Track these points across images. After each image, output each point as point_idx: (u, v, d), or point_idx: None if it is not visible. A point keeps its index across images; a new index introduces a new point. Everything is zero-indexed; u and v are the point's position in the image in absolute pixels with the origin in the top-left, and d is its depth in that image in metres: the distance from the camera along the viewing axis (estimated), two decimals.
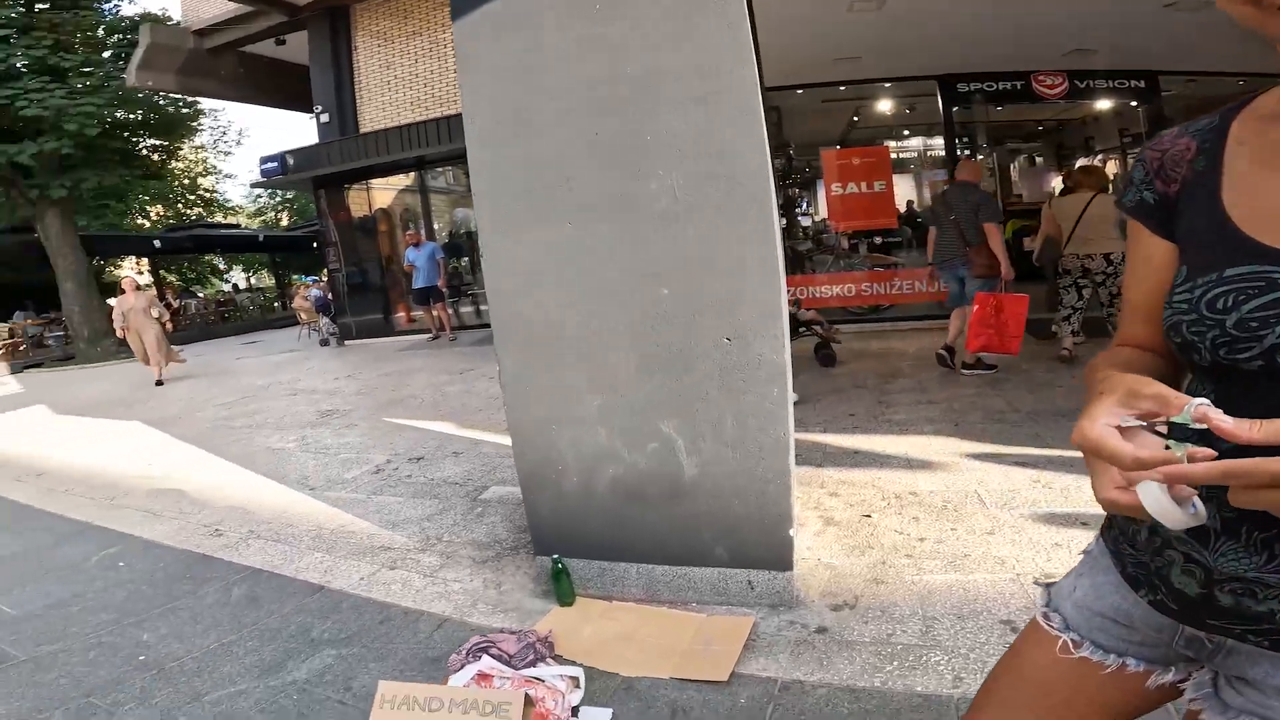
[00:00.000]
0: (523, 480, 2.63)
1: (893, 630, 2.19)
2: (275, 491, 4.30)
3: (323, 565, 3.12)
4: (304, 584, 2.95)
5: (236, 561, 3.25)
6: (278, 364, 10.75)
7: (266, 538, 3.53)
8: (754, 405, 2.24)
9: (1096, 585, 0.84)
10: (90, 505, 4.31)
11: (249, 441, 5.71)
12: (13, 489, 4.81)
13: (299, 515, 3.83)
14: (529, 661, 2.13)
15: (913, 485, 3.29)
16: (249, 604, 2.81)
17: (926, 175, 7.25)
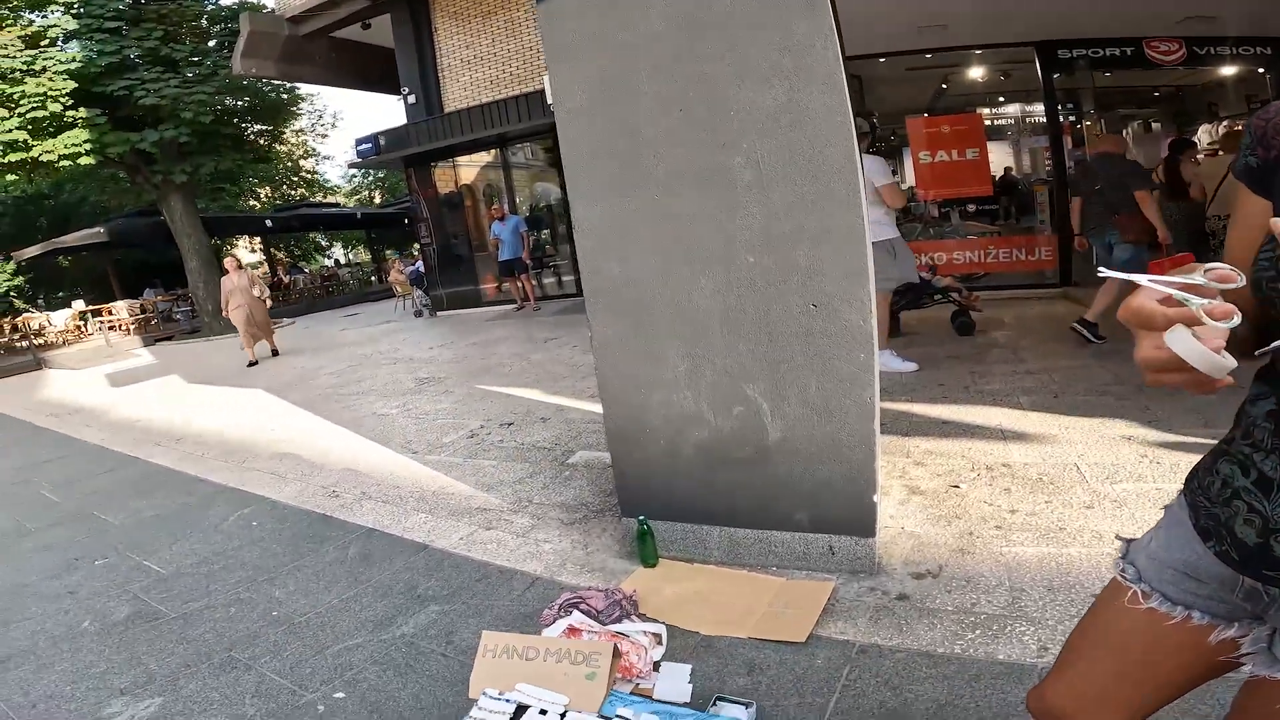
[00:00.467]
0: (611, 442, 2.76)
1: (977, 600, 2.19)
2: (382, 455, 4.65)
3: (426, 525, 3.39)
4: (410, 543, 3.22)
5: (351, 521, 3.57)
6: (377, 335, 11.43)
7: (377, 499, 3.85)
8: (840, 370, 2.26)
9: (1170, 538, 0.87)
10: (225, 468, 4.80)
11: (356, 408, 6.16)
12: (155, 453, 5.41)
13: (404, 477, 4.15)
14: (615, 618, 2.28)
15: (1005, 457, 3.21)
16: (363, 562, 3.09)
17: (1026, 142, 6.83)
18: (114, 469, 5.13)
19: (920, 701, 1.80)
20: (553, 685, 1.88)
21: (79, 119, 12.94)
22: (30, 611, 2.87)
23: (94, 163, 13.51)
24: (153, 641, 2.54)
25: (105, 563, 3.36)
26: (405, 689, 2.11)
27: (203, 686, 2.22)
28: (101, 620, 2.74)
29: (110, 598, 2.94)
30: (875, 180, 4.37)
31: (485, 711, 1.80)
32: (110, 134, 13.34)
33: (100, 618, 2.76)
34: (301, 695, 2.13)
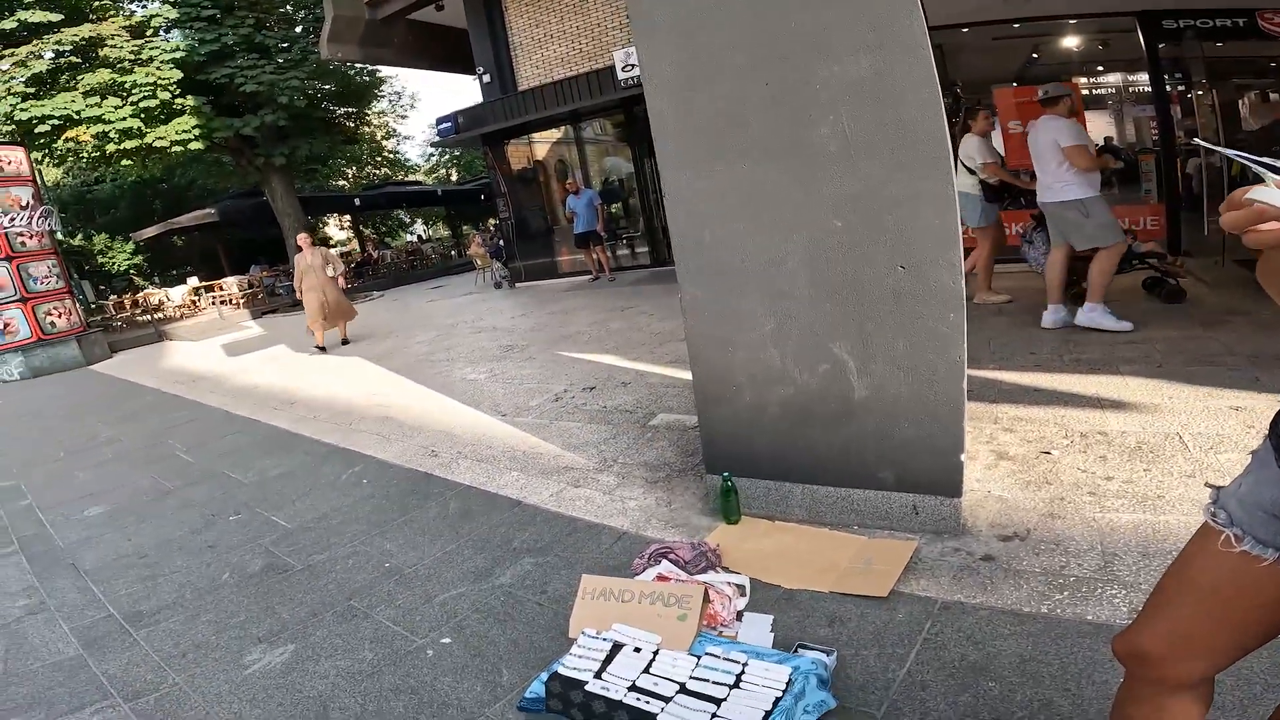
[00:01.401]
0: (698, 400, 2.86)
1: (1066, 562, 2.19)
2: (474, 417, 4.93)
3: (519, 483, 3.60)
4: (505, 499, 3.43)
5: (450, 479, 3.82)
6: (461, 305, 11.91)
7: (472, 458, 4.11)
8: (928, 330, 2.28)
9: (1259, 480, 0.89)
10: (334, 430, 5.20)
11: (447, 373, 6.51)
12: (274, 416, 5.91)
13: (495, 438, 4.40)
14: (701, 568, 2.40)
15: (1102, 424, 3.12)
16: (463, 517, 3.32)
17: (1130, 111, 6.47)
18: (239, 431, 5.64)
19: (1003, 656, 1.83)
20: (646, 625, 2.03)
21: (186, 106, 13.88)
22: (177, 565, 3.23)
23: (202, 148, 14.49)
24: (283, 592, 2.84)
25: (238, 519, 3.74)
26: (504, 635, 2.30)
27: (328, 634, 2.48)
28: (239, 572, 3.07)
29: (245, 551, 3.28)
30: (1061, 140, 4.39)
31: (584, 649, 1.97)
32: (215, 120, 14.28)
33: (238, 570, 3.09)
34: (412, 641, 2.36)
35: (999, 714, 1.65)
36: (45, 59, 12.85)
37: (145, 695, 2.24)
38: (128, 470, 4.96)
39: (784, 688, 1.68)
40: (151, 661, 2.43)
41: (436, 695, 2.06)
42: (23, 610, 2.95)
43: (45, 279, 11.90)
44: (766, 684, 1.70)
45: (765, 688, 1.69)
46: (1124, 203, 6.24)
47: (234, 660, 2.39)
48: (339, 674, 2.23)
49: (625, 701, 1.70)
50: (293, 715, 2.06)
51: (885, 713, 1.72)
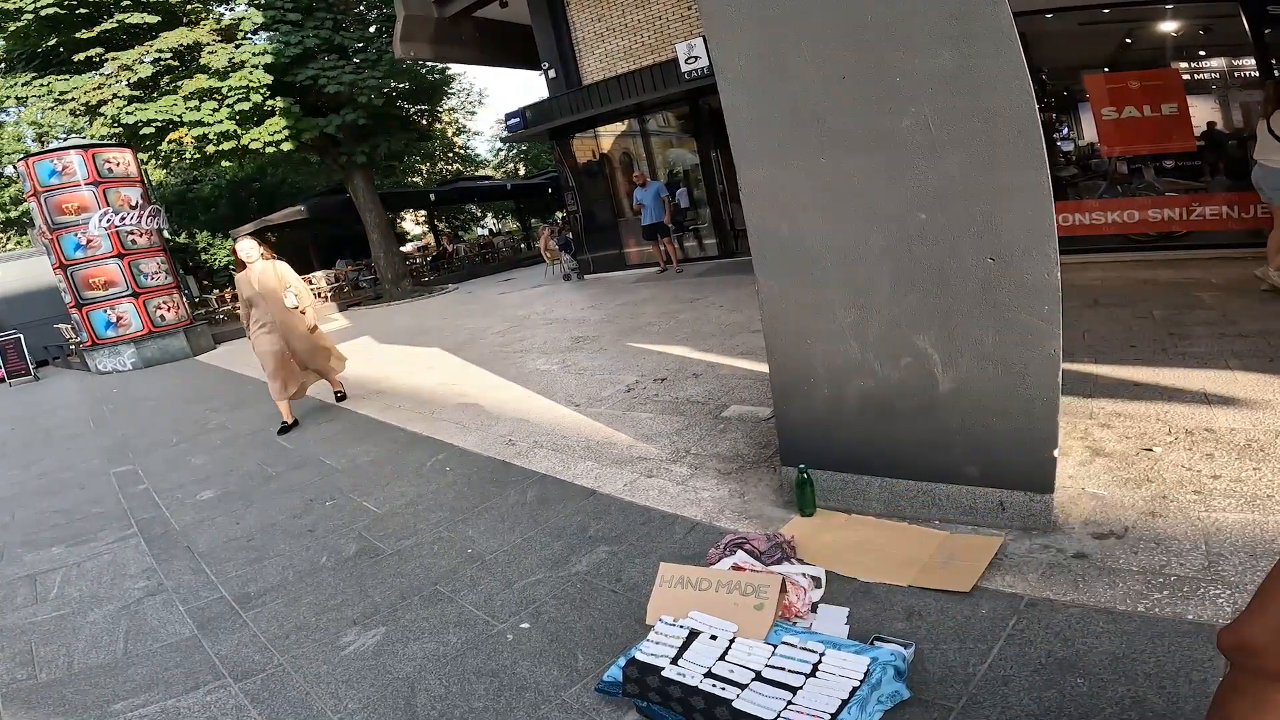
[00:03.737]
0: (775, 391, 2.86)
1: (1167, 561, 2.09)
2: (548, 407, 5.07)
3: (593, 472, 3.69)
4: (580, 488, 3.52)
5: (527, 467, 3.95)
6: (532, 297, 12.20)
7: (548, 447, 4.23)
8: (1020, 323, 2.20)
9: None
10: (418, 419, 5.44)
11: (521, 364, 6.70)
12: (362, 405, 6.23)
13: (569, 428, 4.51)
14: (776, 560, 2.41)
15: (1209, 421, 2.93)
16: (540, 505, 3.43)
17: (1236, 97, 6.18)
18: (331, 419, 5.99)
19: (1094, 654, 1.78)
20: (723, 614, 2.06)
21: (276, 108, 14.68)
22: (280, 549, 3.46)
23: (292, 148, 15.30)
24: (375, 575, 3.01)
25: (334, 503, 3.99)
26: (580, 621, 2.38)
27: (415, 617, 2.62)
28: (336, 556, 3.27)
29: (341, 535, 3.50)
30: None
31: (661, 635, 2.02)
32: (303, 120, 15.05)
33: (335, 553, 3.30)
34: (493, 625, 2.48)
35: (1086, 710, 1.61)
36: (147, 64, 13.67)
37: (253, 676, 2.42)
38: (235, 456, 5.36)
39: (861, 678, 1.68)
40: (259, 643, 2.63)
41: (516, 678, 2.16)
42: (142, 591, 3.24)
43: (155, 275, 12.91)
44: (843, 674, 1.71)
45: (842, 677, 1.70)
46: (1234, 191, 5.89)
47: (331, 642, 2.55)
48: (425, 656, 2.36)
49: (701, 688, 1.74)
50: (384, 696, 2.20)
51: (964, 706, 1.70)
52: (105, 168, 12.38)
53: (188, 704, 2.29)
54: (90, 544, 3.92)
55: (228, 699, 2.29)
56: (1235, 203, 5.87)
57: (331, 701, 2.19)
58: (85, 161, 12.13)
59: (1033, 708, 1.66)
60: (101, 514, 4.44)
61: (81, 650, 2.75)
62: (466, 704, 2.07)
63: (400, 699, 2.15)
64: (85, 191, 12.16)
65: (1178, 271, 5.56)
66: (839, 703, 1.61)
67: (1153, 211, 6.34)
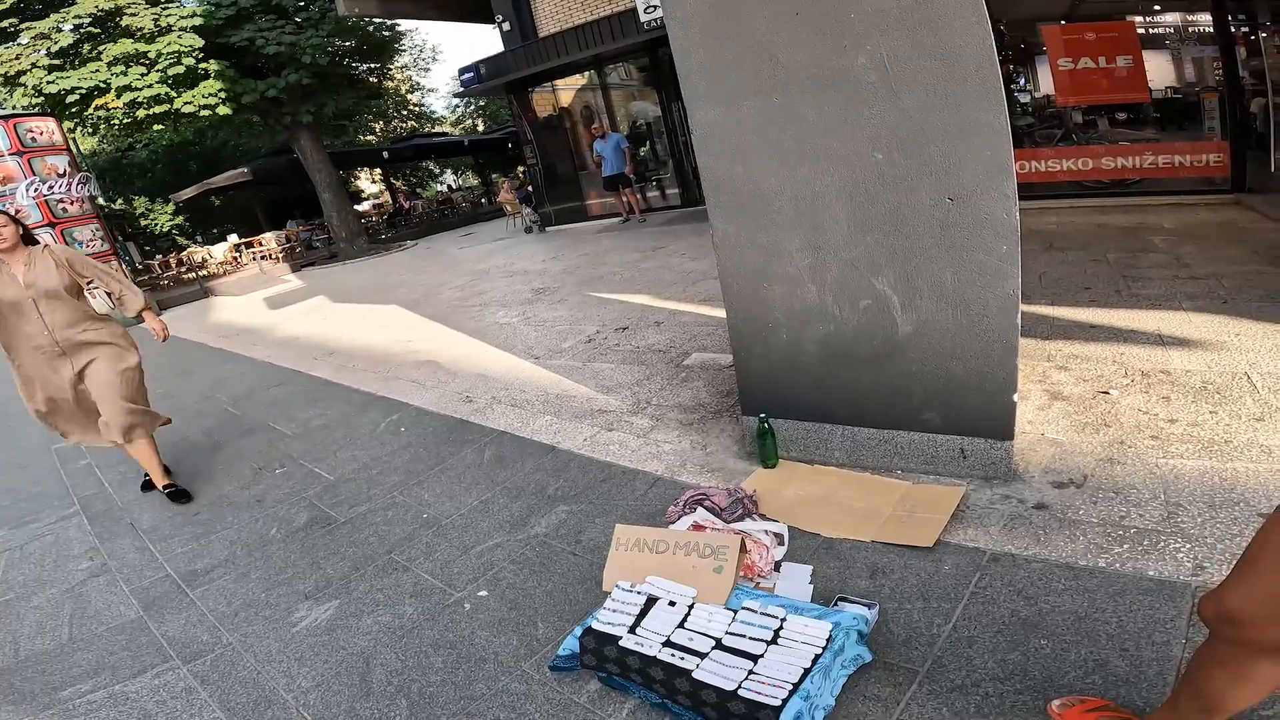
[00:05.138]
0: (733, 338, 2.74)
1: (1127, 512, 2.04)
2: (508, 361, 4.89)
3: (552, 428, 3.55)
4: (539, 445, 3.38)
5: (485, 425, 3.79)
6: (491, 251, 11.83)
7: (506, 403, 4.07)
8: (979, 263, 2.12)
9: None
10: (373, 378, 5.21)
11: (480, 318, 6.48)
12: (314, 366, 5.96)
13: (529, 381, 4.35)
14: (737, 516, 2.31)
15: (1164, 363, 2.90)
16: (498, 464, 3.29)
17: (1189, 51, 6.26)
18: (282, 382, 5.72)
19: (1056, 613, 1.72)
20: (681, 577, 1.95)
21: (210, 71, 13.78)
22: (227, 522, 3.27)
23: (230, 111, 14.42)
24: (328, 546, 2.85)
25: (284, 471, 3.78)
26: (540, 587, 2.27)
27: (370, 588, 2.48)
28: (286, 527, 3.10)
29: (291, 505, 3.31)
30: None
31: (618, 603, 1.91)
32: (240, 83, 14.14)
33: (285, 524, 3.12)
34: (450, 594, 2.35)
35: (1050, 674, 1.56)
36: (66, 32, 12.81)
37: (202, 656, 2.27)
38: (182, 425, 5.04)
39: (824, 645, 1.60)
40: (207, 622, 2.47)
41: (474, 650, 2.04)
42: (86, 573, 3.03)
43: (90, 243, 12.41)
44: (806, 640, 1.62)
45: (805, 644, 1.61)
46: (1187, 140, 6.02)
47: (282, 618, 2.41)
48: (380, 629, 2.23)
49: (659, 658, 1.64)
50: (338, 672, 2.07)
51: (929, 669, 1.64)
52: (29, 137, 12.12)
53: (136, 688, 2.16)
54: (32, 525, 3.66)
55: (177, 681, 2.16)
56: (1187, 152, 5.96)
57: (284, 680, 2.06)
58: (7, 132, 11.95)
59: (997, 670, 1.60)
60: (43, 494, 4.16)
61: (27, 636, 2.58)
62: (424, 678, 1.96)
63: (355, 675, 2.03)
64: (10, 162, 11.87)
65: (1131, 217, 5.56)
66: (801, 671, 1.53)
67: (1106, 159, 6.43)
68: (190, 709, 2.03)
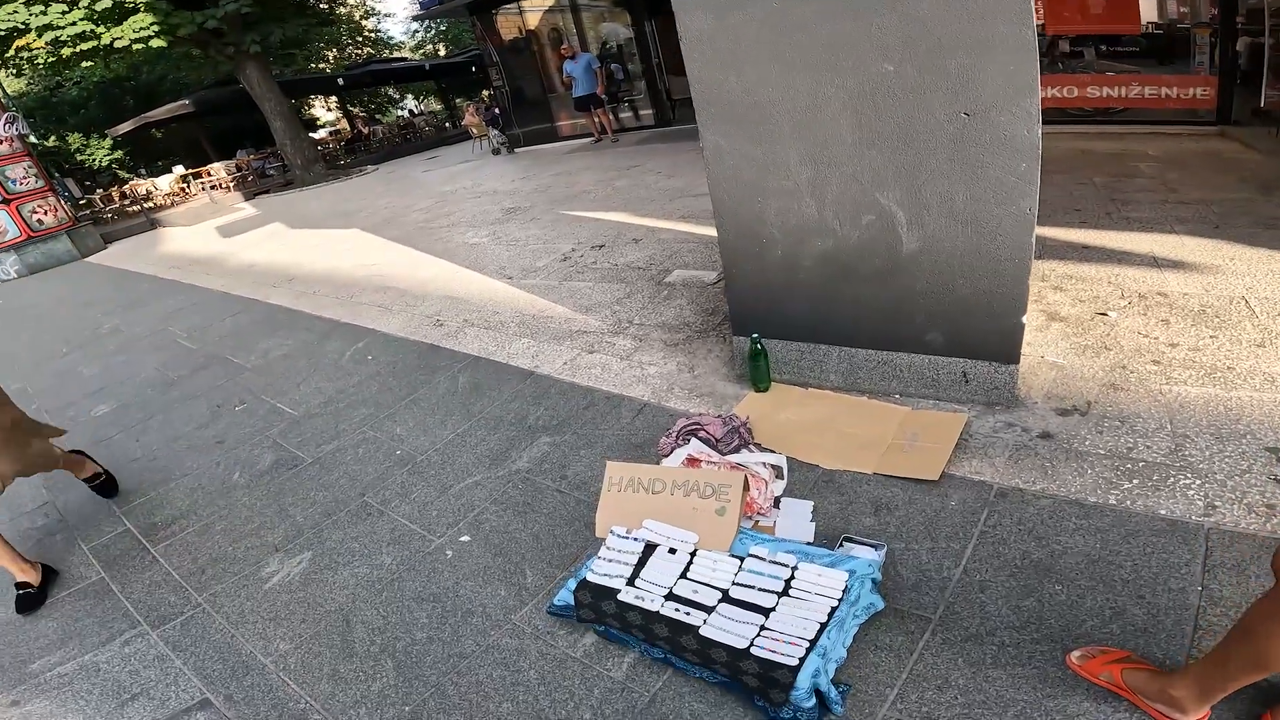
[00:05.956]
0: (724, 255, 2.54)
1: (1134, 444, 1.92)
2: (479, 282, 4.60)
3: (530, 351, 3.32)
4: (516, 370, 3.16)
5: (458, 350, 3.54)
6: (458, 173, 11.19)
7: (479, 325, 3.81)
8: (994, 180, 1.94)
9: None
10: (336, 304, 4.87)
11: (448, 239, 6.11)
12: (271, 294, 5.55)
13: (502, 303, 4.09)
14: (734, 447, 2.15)
15: (1160, 285, 2.77)
16: (474, 392, 3.06)
17: None
18: (239, 312, 5.33)
19: (1069, 555, 1.62)
20: (681, 521, 1.79)
21: (140, 3, 12.39)
22: (187, 466, 3.02)
23: (165, 44, 13.09)
24: (295, 490, 2.63)
25: (244, 408, 3.51)
26: (525, 529, 2.11)
27: (343, 537, 2.29)
28: (249, 470, 2.86)
29: (253, 445, 3.07)
30: None
31: (614, 551, 1.74)
32: (174, 14, 12.77)
33: (248, 467, 2.89)
34: (430, 540, 2.18)
35: (1067, 622, 1.46)
36: None
37: (171, 620, 2.09)
38: (132, 362, 4.71)
39: (840, 596, 1.46)
40: (173, 582, 2.27)
41: (460, 602, 1.89)
42: (41, 531, 2.77)
43: (24, 180, 11.50)
44: (820, 591, 1.49)
45: (819, 596, 1.48)
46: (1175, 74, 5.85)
47: (252, 574, 2.22)
48: (359, 583, 2.06)
49: (663, 613, 1.50)
50: (317, 632, 1.90)
51: (942, 616, 1.53)
52: None
53: (106, 657, 1.99)
54: None
55: (148, 649, 1.98)
56: (1175, 84, 5.83)
57: (260, 643, 1.90)
58: None
59: (1012, 619, 1.49)
60: None
61: None
62: (409, 635, 1.80)
63: (335, 634, 1.87)
64: None
65: (1115, 143, 5.38)
66: (818, 626, 1.40)
67: (1090, 88, 6.28)
68: (165, 678, 1.87)
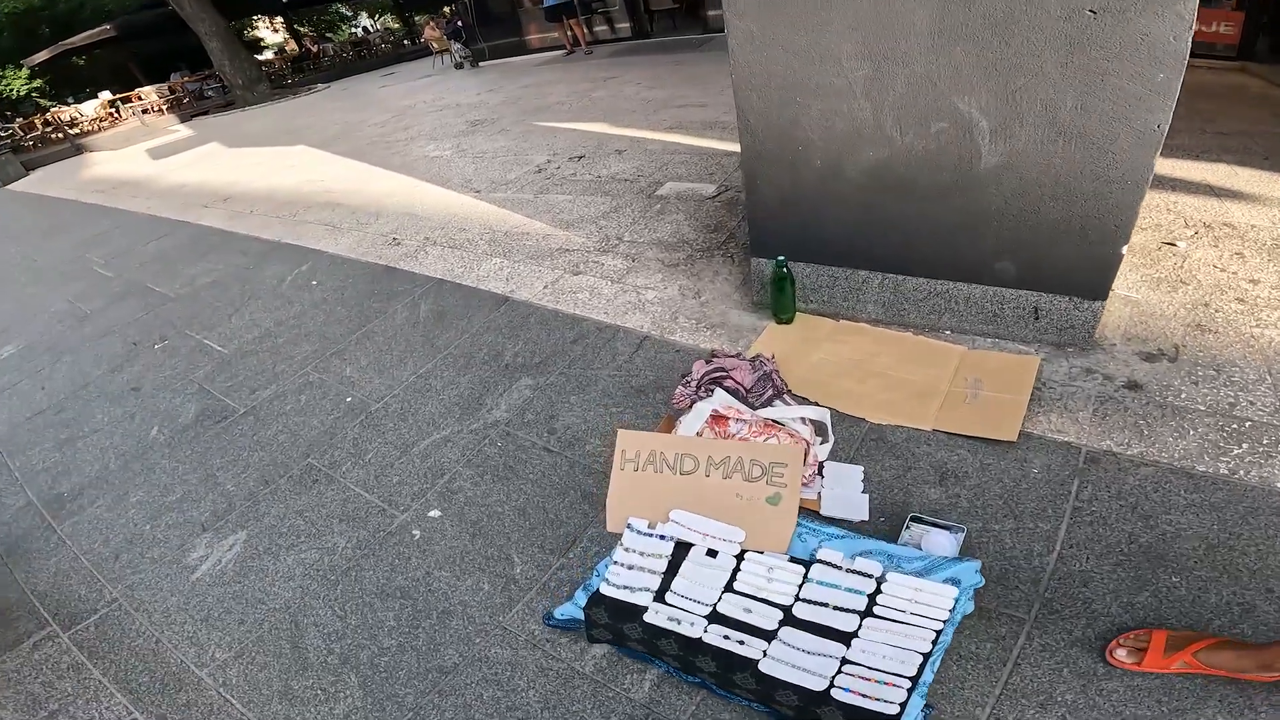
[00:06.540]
0: (747, 165, 2.10)
1: (1235, 399, 1.59)
2: (441, 196, 4.05)
3: (503, 272, 2.85)
4: (488, 295, 2.69)
5: (418, 272, 3.03)
6: (418, 88, 10.22)
7: (442, 244, 3.30)
8: (1117, 90, 1.54)
9: None
10: (276, 223, 4.25)
11: (407, 153, 5.45)
12: (203, 215, 4.86)
13: (468, 218, 3.57)
14: (766, 398, 1.73)
15: (1224, 215, 2.41)
16: (437, 322, 2.58)
17: None
18: (164, 235, 4.66)
19: (1182, 538, 1.29)
20: (720, 512, 1.36)
21: None
22: (96, 420, 2.52)
23: None
24: (225, 450, 2.16)
25: (165, 345, 2.96)
26: (509, 500, 1.69)
27: (285, 511, 1.85)
28: (170, 424, 2.37)
29: (174, 392, 2.57)
30: None
31: (634, 554, 1.31)
32: None
33: (168, 420, 2.39)
34: (393, 516, 1.75)
35: (1190, 622, 1.15)
36: None
37: (84, 619, 1.66)
38: (42, 295, 4.07)
39: (945, 618, 1.08)
40: (82, 570, 1.83)
41: (434, 599, 1.48)
42: None
43: None
44: (920, 612, 1.11)
45: (919, 617, 1.10)
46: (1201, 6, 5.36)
47: (176, 560, 1.78)
48: (306, 573, 1.64)
49: (708, 641, 1.10)
50: (261, 637, 1.50)
51: (1037, 617, 1.20)
52: None
53: (15, 665, 1.60)
54: None
55: (60, 655, 1.57)
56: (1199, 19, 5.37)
57: (192, 651, 1.50)
58: None
59: (1124, 618, 1.17)
60: None
61: None
62: (374, 642, 1.41)
63: (283, 640, 1.47)
64: None
65: None
66: (920, 659, 1.02)
67: None
68: (84, 692, 1.46)
